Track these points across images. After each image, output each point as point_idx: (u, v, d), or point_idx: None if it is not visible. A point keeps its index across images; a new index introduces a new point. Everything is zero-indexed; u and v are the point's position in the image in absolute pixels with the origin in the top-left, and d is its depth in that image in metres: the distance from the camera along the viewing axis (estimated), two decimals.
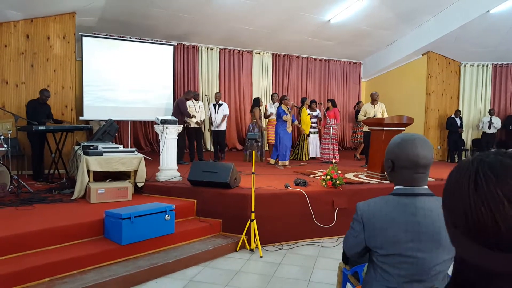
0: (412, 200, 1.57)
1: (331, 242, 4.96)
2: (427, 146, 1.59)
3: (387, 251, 1.56)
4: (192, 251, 4.24)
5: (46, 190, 5.56)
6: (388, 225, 1.56)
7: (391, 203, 1.60)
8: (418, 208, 1.55)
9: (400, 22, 9.25)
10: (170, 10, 8.03)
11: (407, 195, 1.58)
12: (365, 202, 1.69)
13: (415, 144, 1.58)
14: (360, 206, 1.68)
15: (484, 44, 9.69)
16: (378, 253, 1.60)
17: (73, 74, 7.44)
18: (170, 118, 5.74)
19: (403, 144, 1.60)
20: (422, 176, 1.59)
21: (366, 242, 1.63)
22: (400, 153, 1.60)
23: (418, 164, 1.57)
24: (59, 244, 3.80)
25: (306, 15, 8.59)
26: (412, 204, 1.56)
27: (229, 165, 5.15)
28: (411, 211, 1.55)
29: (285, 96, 7.82)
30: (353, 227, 1.71)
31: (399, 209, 1.57)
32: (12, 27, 6.90)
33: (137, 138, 9.74)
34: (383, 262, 1.59)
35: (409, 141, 1.59)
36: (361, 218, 1.64)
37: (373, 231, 1.60)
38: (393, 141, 1.66)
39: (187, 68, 10.11)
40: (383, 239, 1.57)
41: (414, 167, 1.57)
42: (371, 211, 1.63)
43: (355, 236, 1.68)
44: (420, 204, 1.56)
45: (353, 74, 12.45)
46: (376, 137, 6.30)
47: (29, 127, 5.88)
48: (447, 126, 10.40)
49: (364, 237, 1.63)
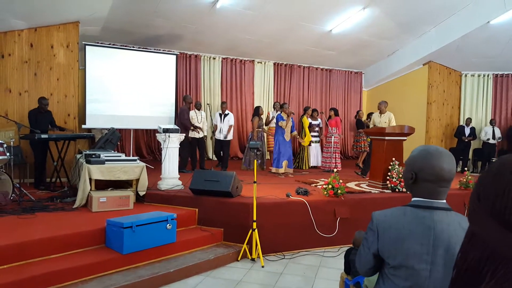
0: (430, 213, 1.55)
1: (333, 251, 4.94)
2: (452, 160, 1.57)
3: (400, 263, 1.55)
4: (194, 260, 4.23)
5: (47, 198, 5.56)
6: (405, 237, 1.55)
7: (409, 214, 1.58)
8: (436, 221, 1.53)
9: (401, 32, 9.31)
10: (173, 20, 8.11)
11: (425, 208, 1.56)
12: (382, 212, 1.66)
13: (442, 157, 1.55)
14: (376, 215, 1.66)
15: (485, 54, 9.74)
16: (390, 264, 1.58)
17: (76, 83, 7.48)
18: (172, 127, 5.76)
19: (429, 156, 1.57)
20: (445, 190, 1.57)
21: (380, 253, 1.61)
22: (425, 166, 1.56)
23: (443, 178, 1.54)
24: (60, 253, 3.80)
25: (308, 25, 8.66)
26: (430, 217, 1.54)
27: (230, 174, 5.16)
28: (429, 224, 1.53)
29: (285, 104, 7.89)
30: (366, 238, 1.68)
31: (416, 221, 1.55)
32: (16, 36, 6.96)
33: (139, 146, 9.75)
34: (393, 274, 1.57)
35: (436, 154, 1.56)
36: (377, 227, 1.62)
37: (388, 241, 1.58)
38: (417, 153, 1.62)
39: (189, 77, 10.16)
40: (398, 251, 1.55)
41: (438, 181, 1.55)
42: (388, 221, 1.61)
43: (369, 247, 1.65)
44: (438, 218, 1.54)
45: (354, 84, 12.49)
46: (378, 146, 6.31)
47: (31, 136, 5.89)
48: (455, 134, 10.41)
49: (378, 247, 1.61)
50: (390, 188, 5.92)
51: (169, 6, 7.44)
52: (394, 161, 5.95)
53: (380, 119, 7.72)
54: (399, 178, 5.78)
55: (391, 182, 5.86)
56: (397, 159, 6.01)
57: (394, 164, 5.93)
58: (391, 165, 5.94)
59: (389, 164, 5.97)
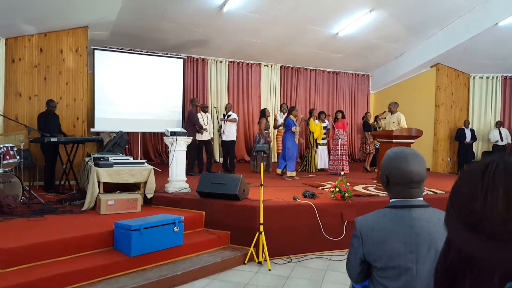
0: (408, 212, 1.58)
1: (340, 255, 4.91)
2: (419, 162, 1.60)
3: (386, 264, 1.57)
4: (201, 263, 4.24)
5: (56, 201, 5.61)
6: (387, 237, 1.58)
7: (388, 215, 1.62)
8: (415, 219, 1.56)
9: (408, 34, 9.27)
10: (180, 24, 8.17)
11: (403, 207, 1.60)
12: (363, 217, 1.69)
13: (408, 160, 1.58)
14: (358, 220, 1.69)
15: (493, 56, 9.66)
16: (377, 267, 1.60)
17: (84, 87, 7.57)
18: (179, 130, 5.79)
19: (395, 160, 1.61)
20: (417, 190, 1.61)
21: (366, 257, 1.63)
22: (393, 170, 1.61)
23: (412, 180, 1.58)
24: (69, 255, 3.83)
25: (314, 28, 8.67)
26: (408, 216, 1.58)
27: (237, 177, 5.17)
28: (408, 222, 1.57)
29: (294, 107, 7.87)
30: (352, 244, 1.71)
31: (396, 221, 1.58)
32: (26, 41, 7.06)
33: (146, 149, 9.82)
34: (381, 276, 1.59)
35: (402, 158, 1.60)
36: (360, 232, 1.65)
37: (372, 244, 1.61)
38: (386, 157, 1.67)
39: (196, 81, 10.22)
40: (382, 252, 1.58)
41: (408, 183, 1.58)
42: (369, 225, 1.64)
43: (355, 253, 1.67)
44: (417, 215, 1.57)
45: (361, 86, 12.46)
46: (385, 149, 6.25)
47: (41, 139, 5.97)
48: (456, 137, 10.33)
49: (363, 252, 1.63)
50: None
51: (177, 11, 7.50)
52: None
53: (390, 119, 7.71)
54: None
55: None
56: None
57: None
58: None
59: None
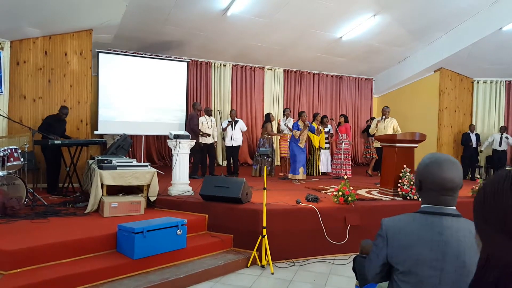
0: (439, 219, 1.55)
1: (343, 259, 4.90)
2: (455, 169, 1.57)
3: (409, 269, 1.54)
4: (203, 266, 4.24)
5: (60, 203, 5.63)
6: (414, 242, 1.55)
7: (418, 220, 1.59)
8: (445, 227, 1.53)
9: (412, 39, 9.27)
10: (184, 28, 8.20)
11: (434, 214, 1.57)
12: (391, 218, 1.67)
13: (442, 167, 1.56)
14: (385, 221, 1.67)
15: (497, 61, 9.63)
16: (399, 270, 1.57)
17: (89, 90, 7.60)
18: (183, 133, 5.80)
19: (429, 166, 1.59)
20: (449, 198, 1.58)
21: (388, 259, 1.60)
22: (426, 176, 1.59)
23: (445, 187, 1.55)
24: (72, 258, 3.83)
25: (318, 32, 8.68)
26: (439, 223, 1.55)
27: (240, 180, 5.17)
28: (438, 230, 1.54)
29: (303, 112, 7.90)
30: (376, 244, 1.68)
31: (426, 227, 1.55)
32: (31, 44, 7.10)
33: (149, 152, 9.83)
34: (402, 280, 1.56)
35: (436, 164, 1.57)
36: (386, 233, 1.62)
37: (397, 247, 1.58)
38: (422, 161, 1.65)
39: (200, 84, 10.24)
40: (407, 256, 1.55)
41: (440, 190, 1.56)
42: (397, 227, 1.61)
43: (378, 253, 1.65)
44: (448, 224, 1.54)
45: (364, 90, 12.45)
46: (389, 153, 6.26)
47: (45, 141, 5.99)
48: (462, 142, 10.29)
49: (387, 253, 1.60)
50: (401, 195, 5.86)
51: (181, 14, 7.54)
52: (405, 168, 5.90)
53: (385, 124, 7.75)
54: (410, 185, 5.73)
55: (402, 189, 5.81)
56: (408, 166, 5.95)
57: (405, 171, 5.88)
58: (402, 172, 5.89)
59: (400, 171, 5.92)
